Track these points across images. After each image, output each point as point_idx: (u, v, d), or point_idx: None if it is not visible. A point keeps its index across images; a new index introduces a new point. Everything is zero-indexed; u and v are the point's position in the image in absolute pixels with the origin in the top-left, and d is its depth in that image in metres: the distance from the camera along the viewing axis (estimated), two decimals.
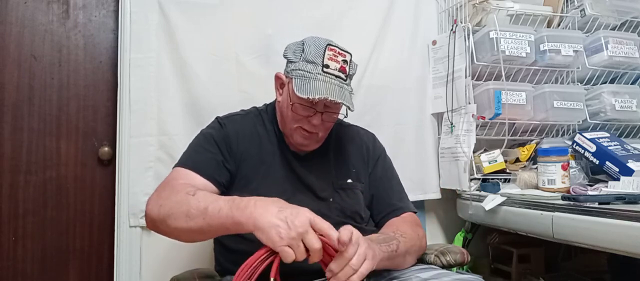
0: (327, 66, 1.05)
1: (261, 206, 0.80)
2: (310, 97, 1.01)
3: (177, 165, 1.07)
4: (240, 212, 0.81)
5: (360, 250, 0.80)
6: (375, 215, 1.19)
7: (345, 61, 1.07)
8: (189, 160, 1.07)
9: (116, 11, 1.58)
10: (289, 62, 1.10)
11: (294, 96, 1.06)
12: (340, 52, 1.07)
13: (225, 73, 1.55)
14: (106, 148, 1.57)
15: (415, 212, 1.21)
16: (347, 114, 1.13)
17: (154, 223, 0.95)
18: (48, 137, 1.55)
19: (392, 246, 0.96)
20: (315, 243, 0.76)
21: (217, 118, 1.17)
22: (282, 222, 0.76)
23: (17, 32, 1.53)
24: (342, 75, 1.06)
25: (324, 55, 1.05)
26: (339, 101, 1.02)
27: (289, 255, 0.75)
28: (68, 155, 1.57)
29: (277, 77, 1.16)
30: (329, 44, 1.06)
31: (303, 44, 1.09)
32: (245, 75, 1.57)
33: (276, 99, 1.19)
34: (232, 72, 1.56)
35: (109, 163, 1.58)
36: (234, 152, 1.10)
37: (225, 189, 1.07)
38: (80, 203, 1.57)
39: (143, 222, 1.49)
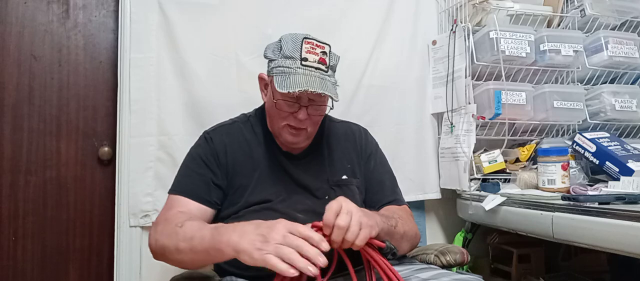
0: (306, 59, 1.04)
1: (239, 230, 0.82)
2: (291, 91, 1.00)
3: (170, 191, 1.09)
4: (220, 239, 0.83)
5: (354, 218, 0.81)
6: (369, 209, 1.18)
7: (324, 52, 1.07)
8: (180, 186, 1.08)
9: (116, 11, 1.58)
10: (270, 61, 1.11)
11: (276, 93, 1.06)
12: (318, 44, 1.07)
13: (225, 73, 1.55)
14: (106, 148, 1.57)
15: (405, 204, 1.22)
16: (333, 106, 1.13)
17: (156, 255, 1.00)
18: (48, 137, 1.55)
19: (392, 222, 0.97)
20: (296, 241, 0.75)
21: (204, 132, 1.18)
22: (258, 237, 0.78)
23: (17, 32, 1.53)
24: (322, 67, 1.06)
25: (301, 49, 1.05)
26: (319, 91, 1.01)
27: (276, 262, 0.74)
28: (68, 155, 1.57)
29: (260, 78, 1.17)
30: (305, 37, 1.06)
31: (280, 41, 1.09)
32: (245, 75, 1.57)
33: (262, 102, 1.19)
34: (232, 72, 1.56)
35: (109, 163, 1.58)
36: (223, 165, 1.10)
37: (220, 206, 1.09)
38: (80, 203, 1.57)
39: (143, 222, 1.49)
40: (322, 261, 0.74)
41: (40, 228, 1.53)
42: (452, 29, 1.65)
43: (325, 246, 0.76)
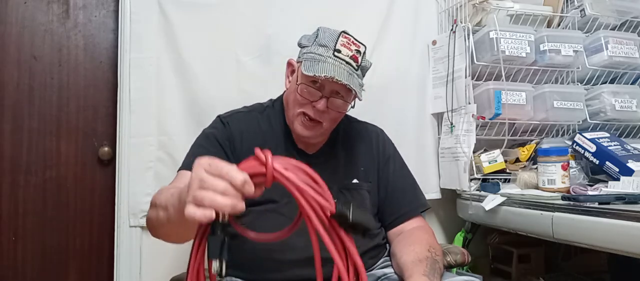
0: (339, 51, 1.03)
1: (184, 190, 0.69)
2: (317, 75, 0.99)
3: (179, 169, 1.07)
4: (180, 207, 0.71)
5: None
6: (387, 217, 1.16)
7: (358, 51, 1.06)
8: (189, 161, 1.05)
9: (116, 11, 1.58)
10: (302, 47, 1.10)
11: (301, 77, 1.04)
12: (354, 41, 1.06)
13: (225, 73, 1.55)
14: (106, 148, 1.57)
15: (428, 207, 1.21)
16: (354, 105, 1.11)
17: (150, 231, 0.98)
18: (48, 137, 1.55)
19: (440, 272, 0.96)
20: (214, 182, 0.61)
21: (219, 116, 1.15)
22: (185, 193, 0.65)
23: (17, 32, 1.54)
24: (353, 63, 1.04)
25: (336, 40, 1.04)
26: (345, 82, 0.99)
27: (192, 212, 0.60)
28: (68, 155, 1.57)
29: (289, 64, 1.15)
30: (343, 32, 1.06)
31: (318, 30, 1.08)
32: (245, 75, 1.57)
33: (284, 89, 1.17)
34: (232, 72, 1.56)
35: (109, 163, 1.58)
36: (237, 152, 1.07)
37: None
38: (80, 203, 1.57)
39: (143, 222, 1.49)
40: (239, 208, 0.61)
41: (40, 228, 1.53)
42: (452, 29, 1.65)
43: (250, 189, 0.62)
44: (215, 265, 0.62)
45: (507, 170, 1.59)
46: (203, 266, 0.67)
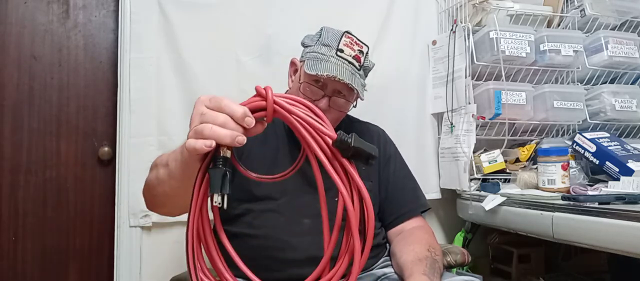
0: (342, 50, 1.04)
1: None
2: (319, 74, 1.00)
3: None
4: (181, 150, 0.76)
5: None
6: (387, 216, 1.16)
7: (361, 51, 1.07)
8: None
9: (116, 11, 1.58)
10: (305, 47, 1.10)
11: (304, 75, 1.05)
12: (357, 42, 1.08)
13: (225, 73, 1.55)
14: (106, 148, 1.57)
15: (428, 207, 1.21)
16: (356, 105, 1.12)
17: (146, 203, 0.99)
18: (48, 137, 1.55)
19: (439, 272, 0.96)
20: (212, 115, 0.64)
21: None
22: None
23: (17, 32, 1.53)
24: (356, 63, 1.05)
25: (340, 40, 1.05)
26: (347, 81, 1.01)
27: (192, 144, 0.63)
28: (68, 155, 1.57)
29: (292, 63, 1.16)
30: (346, 32, 1.07)
31: (321, 30, 1.09)
32: (245, 75, 1.57)
33: (287, 89, 1.18)
34: (232, 72, 1.56)
35: (109, 163, 1.58)
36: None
37: None
38: (80, 203, 1.57)
39: (143, 222, 1.49)
40: (240, 140, 0.64)
41: (40, 228, 1.53)
42: (452, 29, 1.65)
43: (250, 121, 0.64)
44: (217, 198, 0.63)
45: (507, 170, 1.59)
46: (206, 202, 0.68)
